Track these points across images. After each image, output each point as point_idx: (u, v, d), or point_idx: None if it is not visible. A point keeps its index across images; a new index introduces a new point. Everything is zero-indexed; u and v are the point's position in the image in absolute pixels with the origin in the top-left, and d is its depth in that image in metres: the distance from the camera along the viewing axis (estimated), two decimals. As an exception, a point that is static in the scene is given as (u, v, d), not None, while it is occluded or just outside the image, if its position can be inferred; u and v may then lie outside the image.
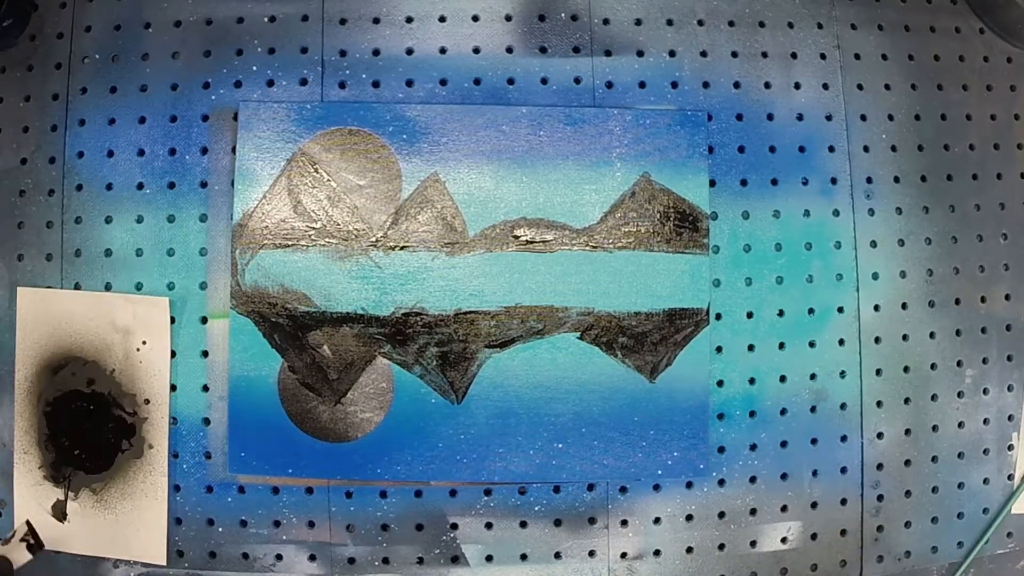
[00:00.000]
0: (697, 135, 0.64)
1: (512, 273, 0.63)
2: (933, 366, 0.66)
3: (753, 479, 0.64)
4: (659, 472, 0.63)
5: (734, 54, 0.66)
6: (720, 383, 0.64)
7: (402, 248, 0.62)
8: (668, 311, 0.63)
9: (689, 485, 0.64)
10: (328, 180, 0.62)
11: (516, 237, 0.63)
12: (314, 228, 0.62)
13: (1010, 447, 0.67)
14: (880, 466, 0.65)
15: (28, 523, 0.62)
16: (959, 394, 0.66)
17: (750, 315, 0.64)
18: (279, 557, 0.63)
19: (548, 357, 0.63)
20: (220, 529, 0.62)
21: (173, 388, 0.62)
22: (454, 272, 0.63)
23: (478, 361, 0.62)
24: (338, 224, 0.62)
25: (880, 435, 0.65)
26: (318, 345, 0.62)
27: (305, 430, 0.62)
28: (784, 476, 0.64)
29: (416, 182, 0.63)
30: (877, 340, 0.65)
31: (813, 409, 0.65)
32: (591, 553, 0.63)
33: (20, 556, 0.61)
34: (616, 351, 0.63)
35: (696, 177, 0.64)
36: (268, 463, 0.62)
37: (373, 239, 0.63)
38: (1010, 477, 0.67)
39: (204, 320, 0.63)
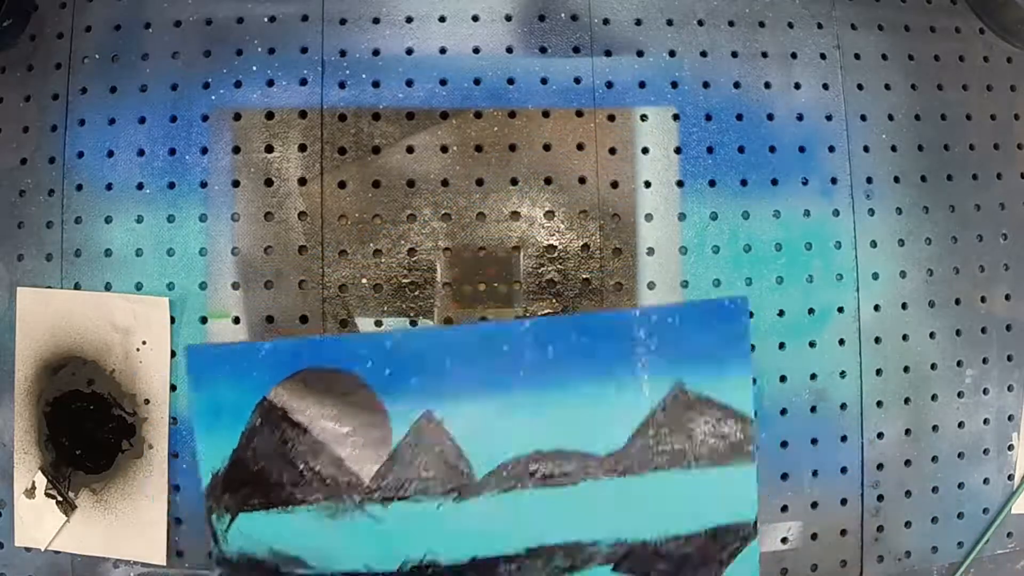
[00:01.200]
0: (736, 325, 0.57)
1: (531, 512, 0.55)
2: (933, 366, 0.66)
3: (753, 479, 0.64)
4: None
5: (734, 54, 0.66)
6: (720, 383, 0.64)
7: (400, 499, 0.55)
8: (711, 530, 0.57)
9: (689, 485, 0.64)
10: (304, 430, 0.56)
11: (532, 473, 0.55)
12: (297, 485, 0.56)
13: (1010, 447, 0.67)
14: (880, 466, 0.65)
15: (44, 472, 0.58)
16: (959, 394, 0.66)
17: (750, 315, 0.64)
18: (279, 557, 0.63)
19: None
20: (220, 529, 0.62)
21: (173, 388, 0.62)
22: (464, 518, 0.55)
23: None
24: (324, 478, 0.56)
25: (880, 435, 0.65)
26: None
27: None
28: (784, 476, 0.64)
29: (407, 423, 0.55)
30: (877, 340, 0.65)
31: (813, 409, 0.64)
32: (591, 553, 0.63)
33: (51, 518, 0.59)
34: None
35: (738, 377, 0.57)
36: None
37: (366, 491, 0.56)
38: (1010, 477, 0.67)
39: (204, 320, 0.63)
